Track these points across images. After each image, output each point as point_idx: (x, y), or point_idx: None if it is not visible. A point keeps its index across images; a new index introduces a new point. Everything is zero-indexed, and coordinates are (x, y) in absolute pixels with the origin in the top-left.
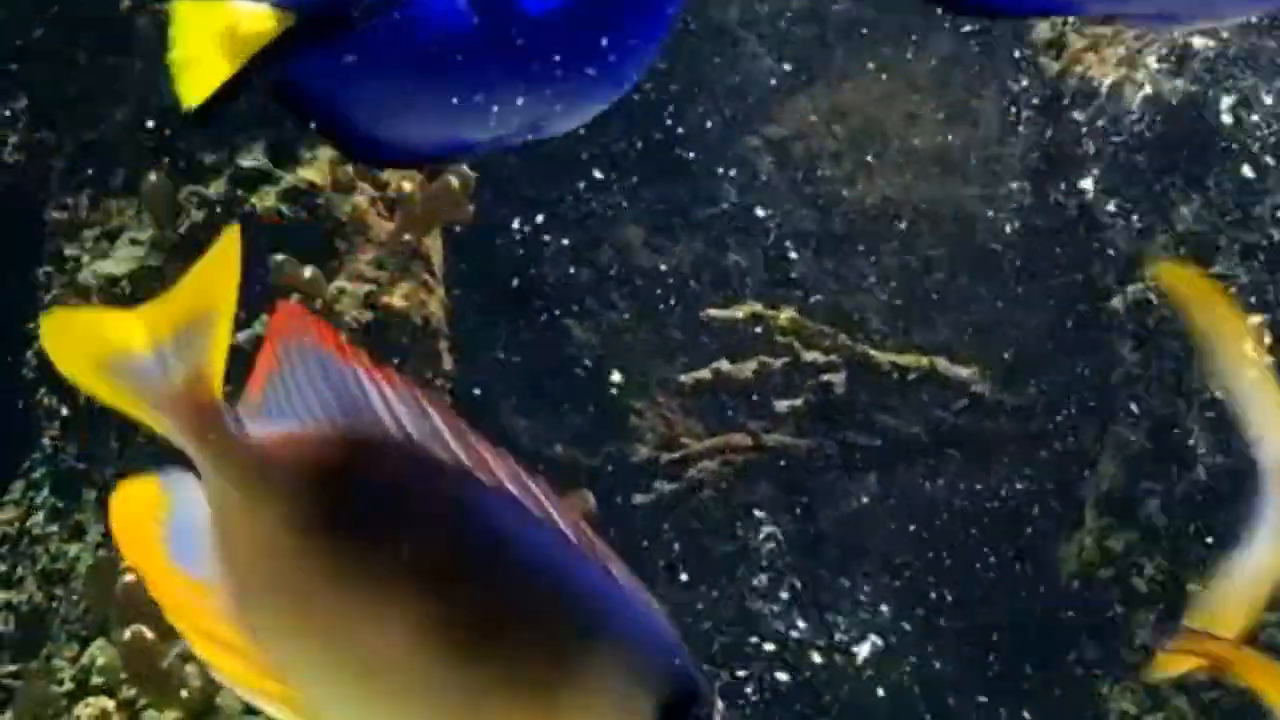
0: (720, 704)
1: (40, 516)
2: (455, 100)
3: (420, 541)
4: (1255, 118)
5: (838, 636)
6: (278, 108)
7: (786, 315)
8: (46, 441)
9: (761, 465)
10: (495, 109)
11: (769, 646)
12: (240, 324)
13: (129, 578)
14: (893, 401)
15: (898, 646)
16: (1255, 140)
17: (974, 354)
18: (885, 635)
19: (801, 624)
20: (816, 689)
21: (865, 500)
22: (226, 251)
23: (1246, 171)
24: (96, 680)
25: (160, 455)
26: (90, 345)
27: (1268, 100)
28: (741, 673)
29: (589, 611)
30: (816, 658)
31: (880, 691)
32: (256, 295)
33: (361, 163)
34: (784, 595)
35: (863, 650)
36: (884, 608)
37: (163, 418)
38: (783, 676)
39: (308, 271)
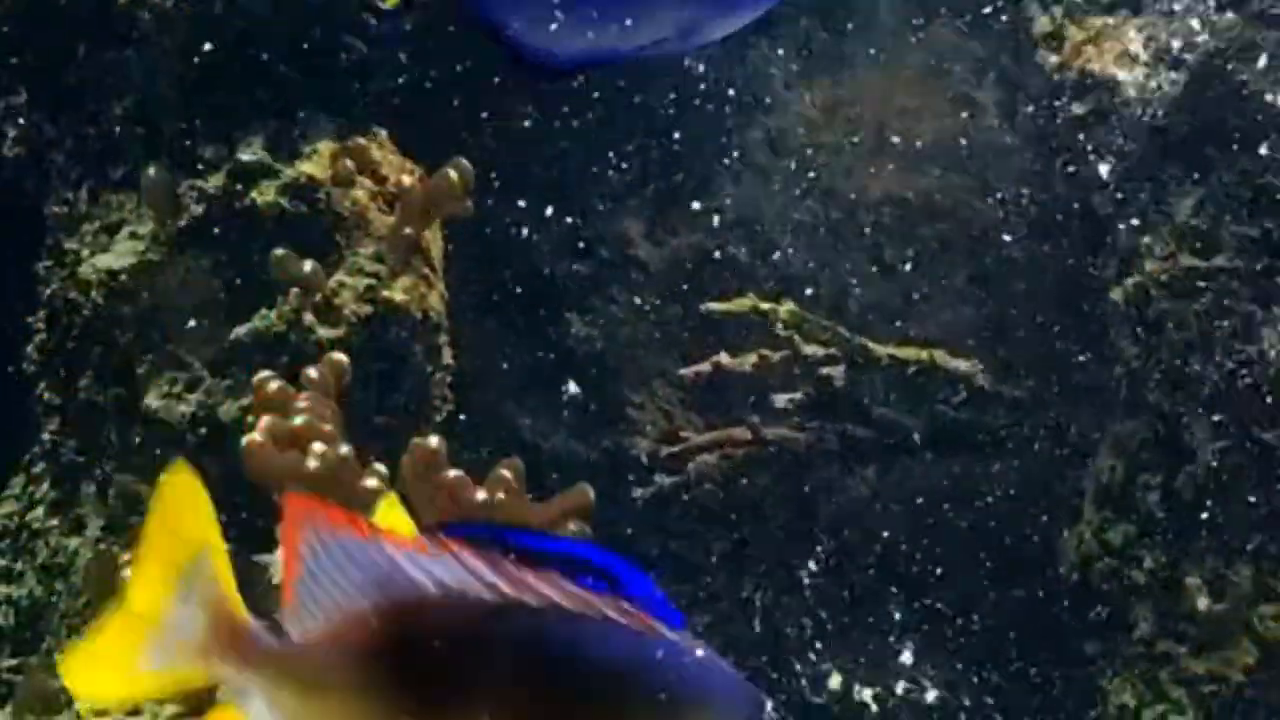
0: None
1: (40, 511)
2: (612, 6)
3: (492, 685)
4: (1254, 109)
5: (834, 625)
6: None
7: (786, 308)
8: (46, 436)
9: (761, 458)
10: (652, 15)
11: (767, 639)
12: (242, 318)
13: (129, 571)
14: (892, 395)
15: (895, 639)
16: (1255, 132)
17: (973, 347)
18: (881, 625)
19: (799, 617)
20: (811, 671)
21: (864, 493)
22: (180, 489)
23: (1246, 164)
24: None
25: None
26: (113, 662)
27: (1267, 92)
28: (744, 657)
29: (679, 687)
30: (815, 644)
31: (880, 681)
32: (255, 289)
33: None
34: (782, 588)
35: (862, 638)
36: (881, 599)
37: (212, 668)
38: (780, 664)
39: (307, 265)
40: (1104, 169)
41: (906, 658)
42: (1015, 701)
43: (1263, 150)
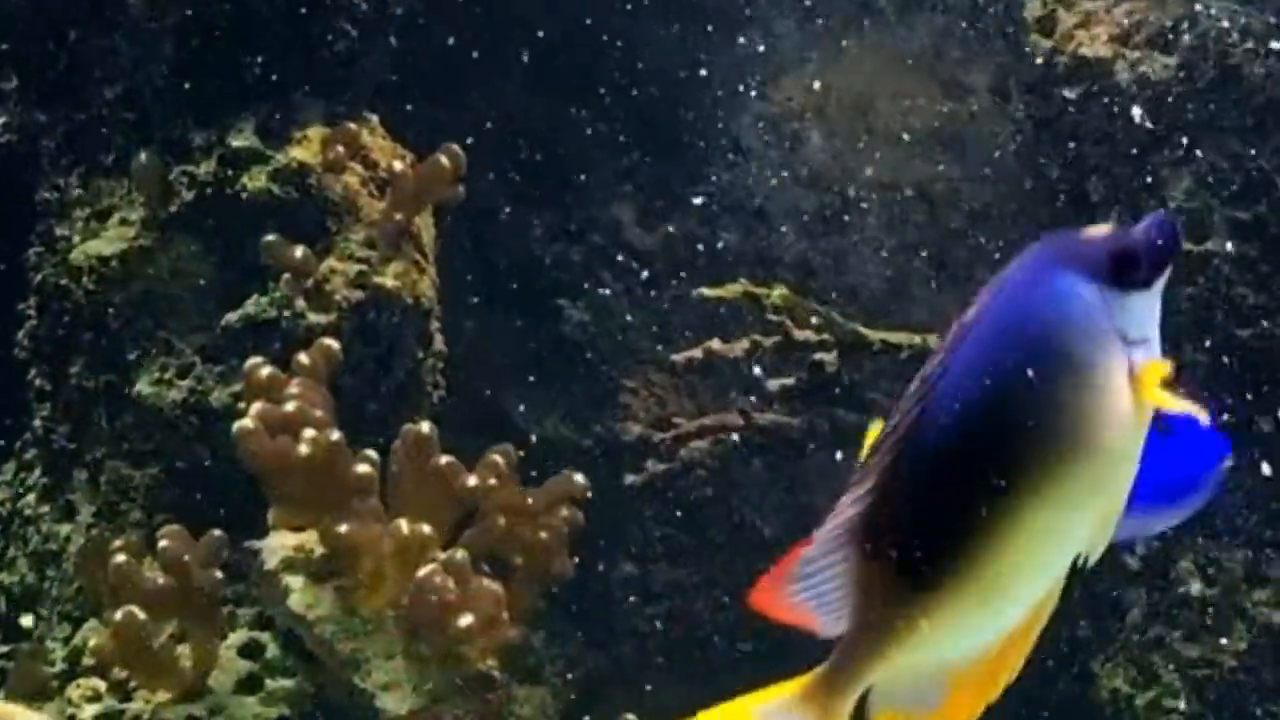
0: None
1: (32, 498)
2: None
3: None
4: (1245, 92)
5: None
6: None
7: (778, 293)
8: (38, 423)
9: (753, 444)
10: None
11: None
12: (233, 304)
13: (120, 558)
14: (885, 380)
15: None
16: (1246, 116)
17: None
18: None
19: None
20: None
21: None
22: None
23: (1236, 147)
24: (88, 661)
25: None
26: None
27: (1258, 74)
28: (742, 647)
29: None
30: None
31: None
32: (246, 275)
33: None
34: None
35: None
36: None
37: None
38: (772, 649)
39: (298, 251)
40: (1096, 153)
41: None
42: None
43: (1254, 134)
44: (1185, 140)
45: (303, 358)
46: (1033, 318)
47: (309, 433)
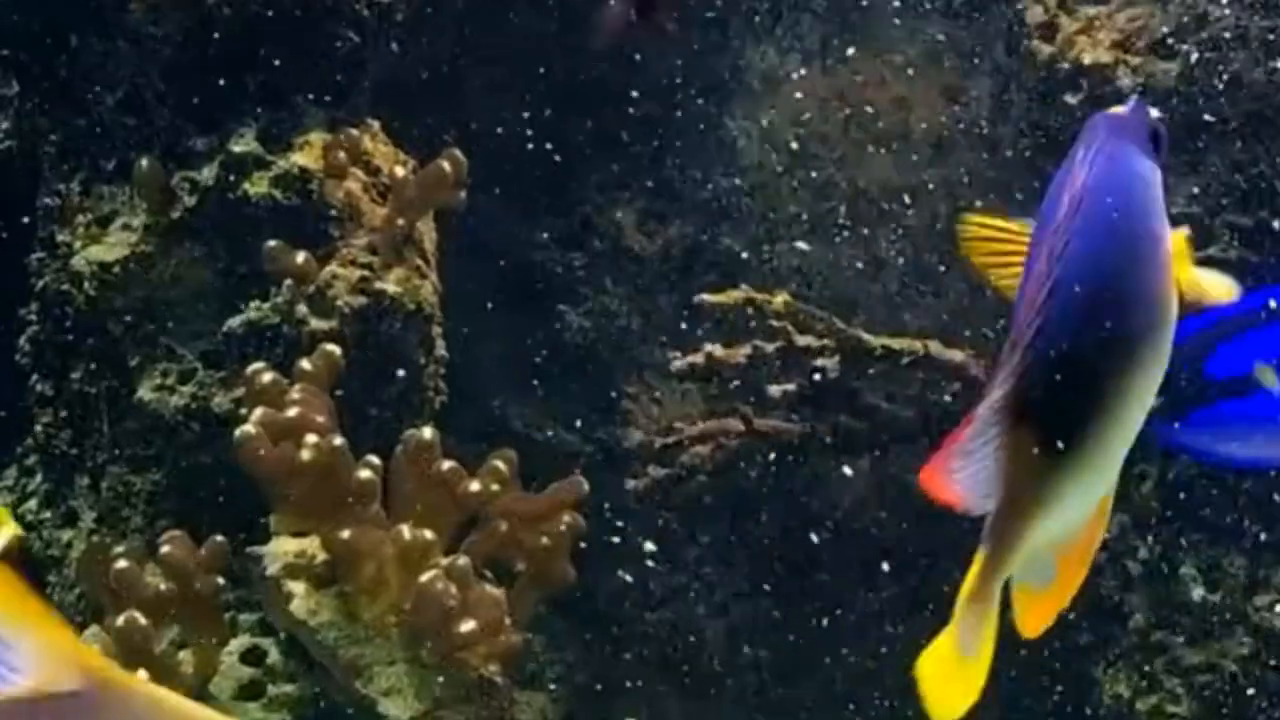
0: None
1: (33, 503)
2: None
3: None
4: (1248, 99)
5: (828, 616)
6: None
7: (780, 299)
8: (39, 428)
9: (754, 450)
10: None
11: (761, 626)
12: (235, 310)
13: (121, 564)
14: (886, 385)
15: (889, 628)
16: (1249, 122)
17: (967, 338)
18: (876, 616)
19: (792, 604)
20: (806, 665)
21: (858, 483)
22: None
23: (1239, 153)
24: None
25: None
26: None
27: (1260, 80)
28: (745, 649)
29: None
30: (809, 635)
31: (872, 671)
32: (248, 280)
33: None
34: (776, 578)
35: (855, 630)
36: (874, 590)
37: None
38: (773, 655)
39: (300, 257)
40: None
41: (899, 647)
42: (1008, 691)
43: (1256, 140)
44: (1187, 147)
45: (304, 364)
46: (1127, 199)
47: (311, 439)
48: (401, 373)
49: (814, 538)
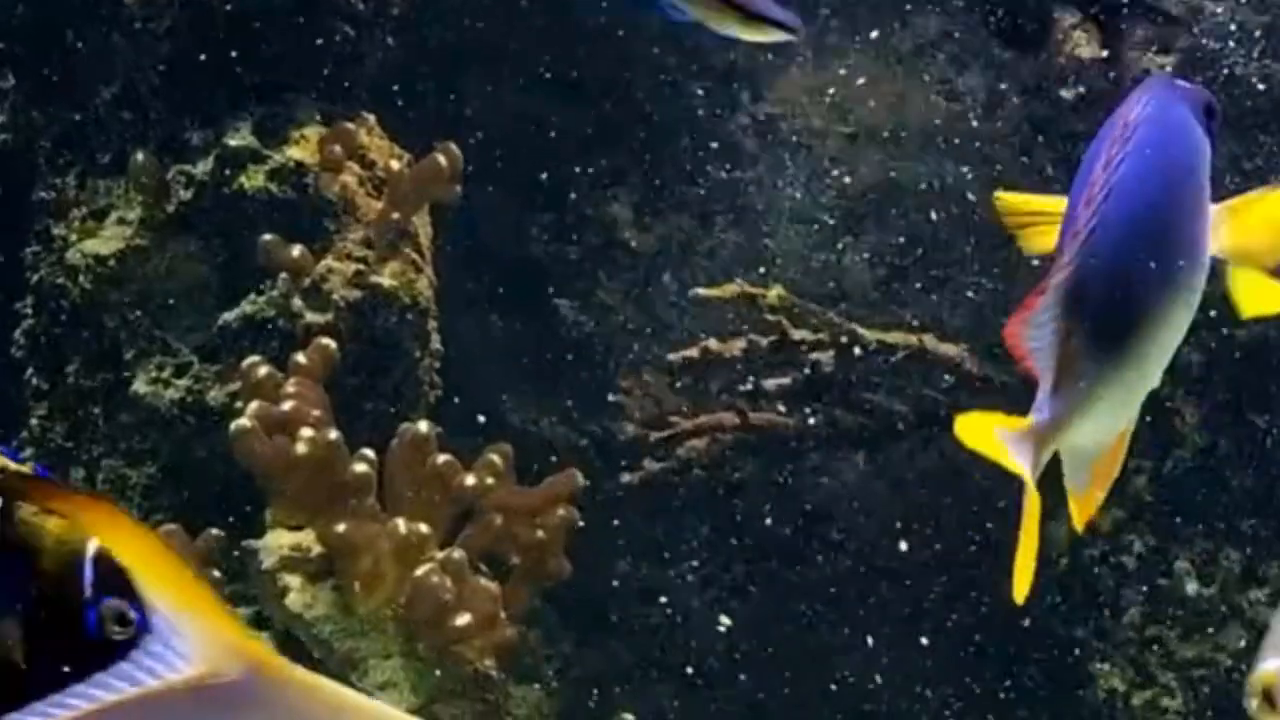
0: None
1: None
2: None
3: None
4: (1244, 94)
5: (823, 610)
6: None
7: (774, 294)
8: (34, 421)
9: (749, 443)
10: None
11: (756, 620)
12: (231, 303)
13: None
14: (881, 380)
15: (884, 623)
16: (1245, 117)
17: (962, 332)
18: (872, 611)
19: (788, 598)
20: (801, 660)
21: (852, 478)
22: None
23: (1234, 147)
24: None
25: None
26: None
27: (1254, 76)
28: (740, 643)
29: None
30: (804, 629)
31: (867, 666)
32: (243, 274)
33: None
34: (771, 570)
35: (849, 624)
36: (869, 584)
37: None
38: (768, 649)
39: (295, 251)
40: None
41: (894, 641)
42: (1004, 685)
43: (1251, 134)
44: None
45: (300, 357)
46: (1177, 146)
47: (306, 432)
48: (397, 366)
49: (809, 532)
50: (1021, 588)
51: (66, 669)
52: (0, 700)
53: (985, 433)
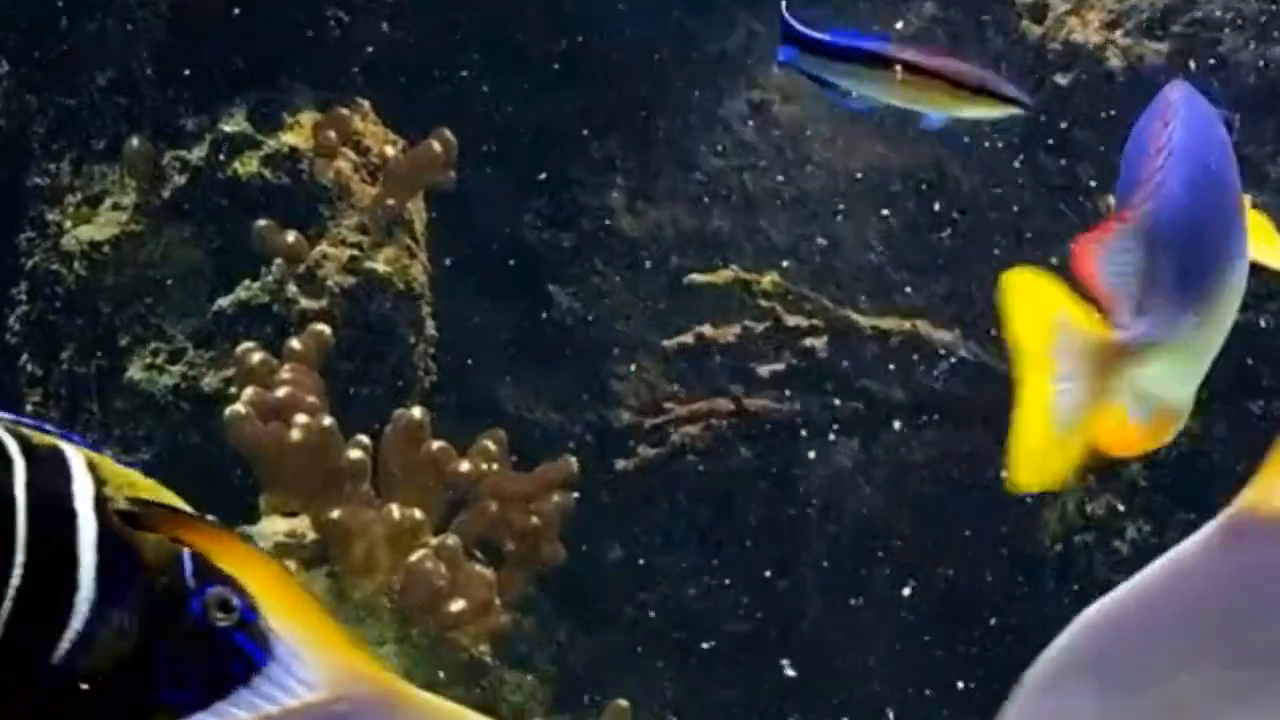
0: None
1: None
2: None
3: None
4: (1238, 79)
5: (817, 596)
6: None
7: (769, 279)
8: (29, 408)
9: (744, 429)
10: None
11: (751, 606)
12: (225, 289)
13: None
14: (875, 365)
15: (879, 607)
16: (1238, 101)
17: (957, 318)
18: (866, 595)
19: (782, 585)
20: (796, 649)
21: (847, 463)
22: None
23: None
24: None
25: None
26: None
27: (1249, 61)
28: (728, 628)
29: None
30: (800, 614)
31: (861, 651)
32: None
33: None
34: (766, 556)
35: (844, 610)
36: (864, 571)
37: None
38: (763, 635)
39: (290, 236)
40: (1087, 139)
41: (888, 625)
42: (997, 671)
43: (1245, 122)
44: None
45: (294, 343)
46: (1215, 145)
47: (301, 418)
48: (391, 352)
49: (803, 517)
50: (1022, 474)
51: (181, 656)
52: (129, 686)
53: (1039, 308)
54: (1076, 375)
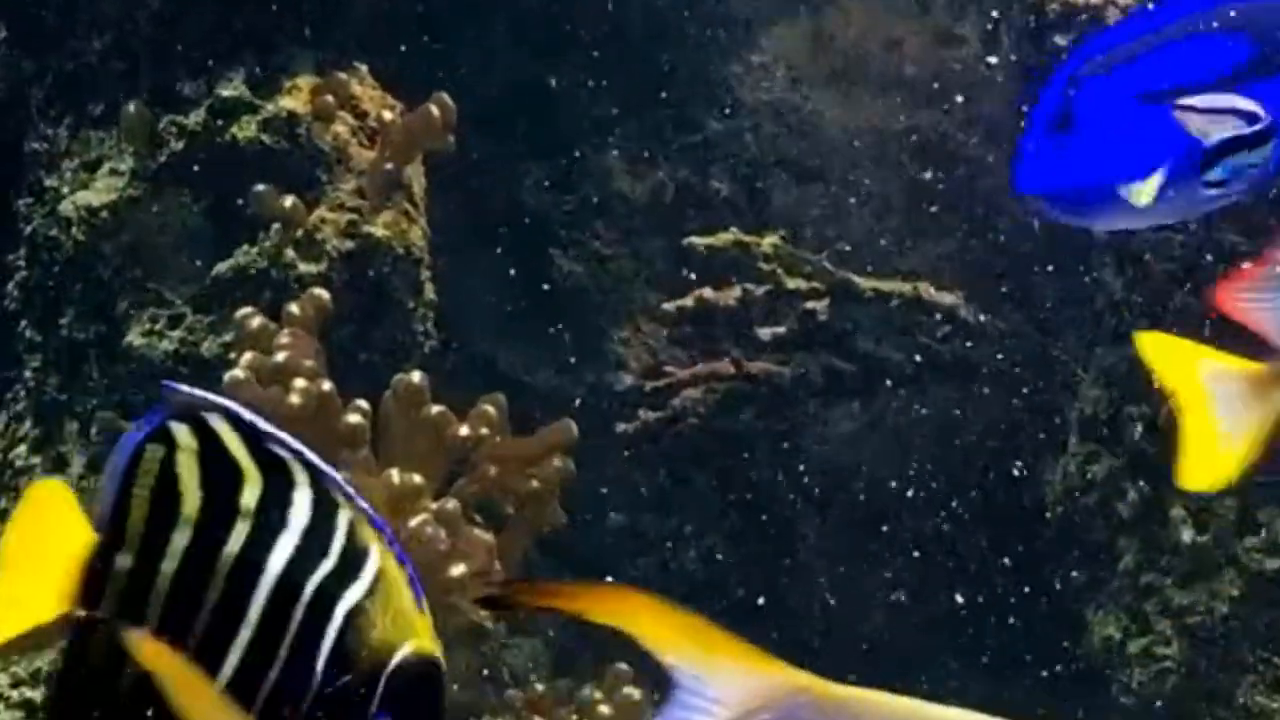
0: None
1: (23, 449)
2: None
3: None
4: None
5: (819, 561)
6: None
7: (769, 242)
8: (28, 373)
9: (745, 393)
10: None
11: (752, 570)
12: (224, 254)
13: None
14: (876, 328)
15: (880, 571)
16: None
17: (957, 280)
18: (866, 560)
19: (783, 548)
20: (796, 607)
21: (848, 426)
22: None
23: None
24: None
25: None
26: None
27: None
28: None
29: None
30: (801, 579)
31: (863, 614)
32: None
33: None
34: (767, 520)
35: (846, 573)
36: (865, 533)
37: None
38: (765, 598)
39: (288, 201)
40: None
41: (890, 590)
42: (998, 635)
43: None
44: None
45: (293, 308)
46: None
47: (299, 383)
48: (390, 317)
49: (804, 480)
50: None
51: None
52: None
53: (1182, 365)
54: (1235, 406)
